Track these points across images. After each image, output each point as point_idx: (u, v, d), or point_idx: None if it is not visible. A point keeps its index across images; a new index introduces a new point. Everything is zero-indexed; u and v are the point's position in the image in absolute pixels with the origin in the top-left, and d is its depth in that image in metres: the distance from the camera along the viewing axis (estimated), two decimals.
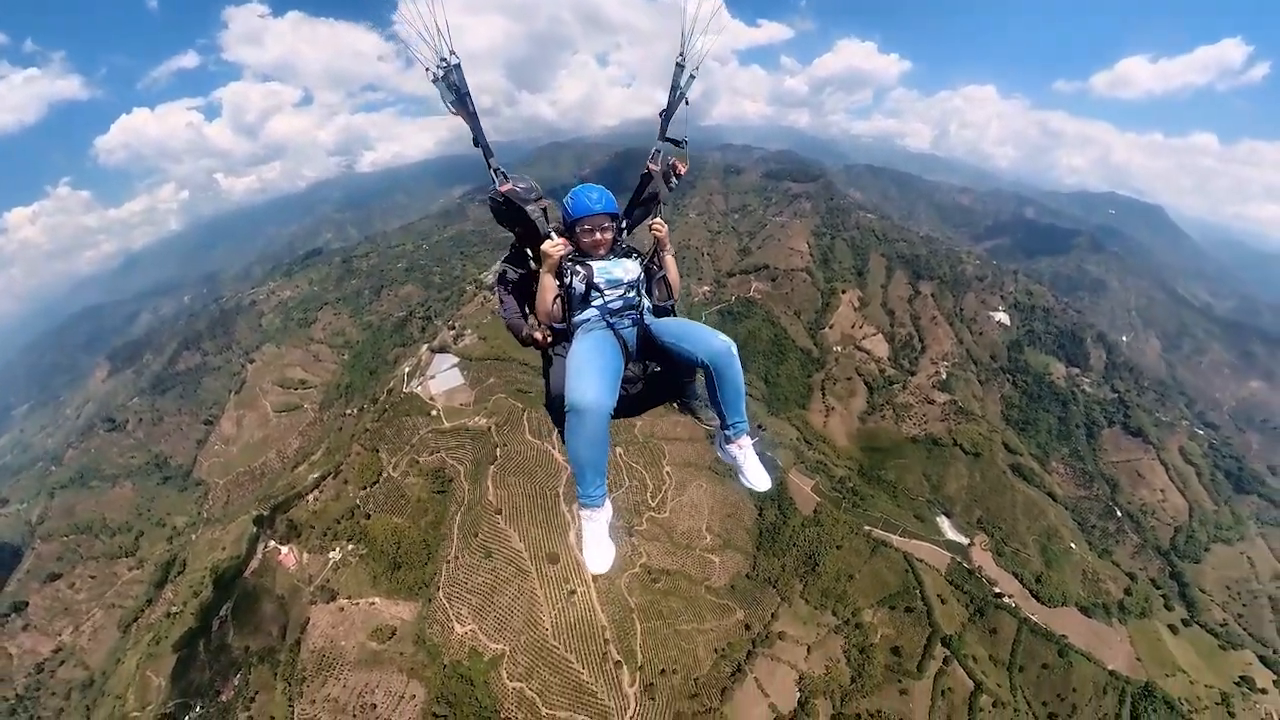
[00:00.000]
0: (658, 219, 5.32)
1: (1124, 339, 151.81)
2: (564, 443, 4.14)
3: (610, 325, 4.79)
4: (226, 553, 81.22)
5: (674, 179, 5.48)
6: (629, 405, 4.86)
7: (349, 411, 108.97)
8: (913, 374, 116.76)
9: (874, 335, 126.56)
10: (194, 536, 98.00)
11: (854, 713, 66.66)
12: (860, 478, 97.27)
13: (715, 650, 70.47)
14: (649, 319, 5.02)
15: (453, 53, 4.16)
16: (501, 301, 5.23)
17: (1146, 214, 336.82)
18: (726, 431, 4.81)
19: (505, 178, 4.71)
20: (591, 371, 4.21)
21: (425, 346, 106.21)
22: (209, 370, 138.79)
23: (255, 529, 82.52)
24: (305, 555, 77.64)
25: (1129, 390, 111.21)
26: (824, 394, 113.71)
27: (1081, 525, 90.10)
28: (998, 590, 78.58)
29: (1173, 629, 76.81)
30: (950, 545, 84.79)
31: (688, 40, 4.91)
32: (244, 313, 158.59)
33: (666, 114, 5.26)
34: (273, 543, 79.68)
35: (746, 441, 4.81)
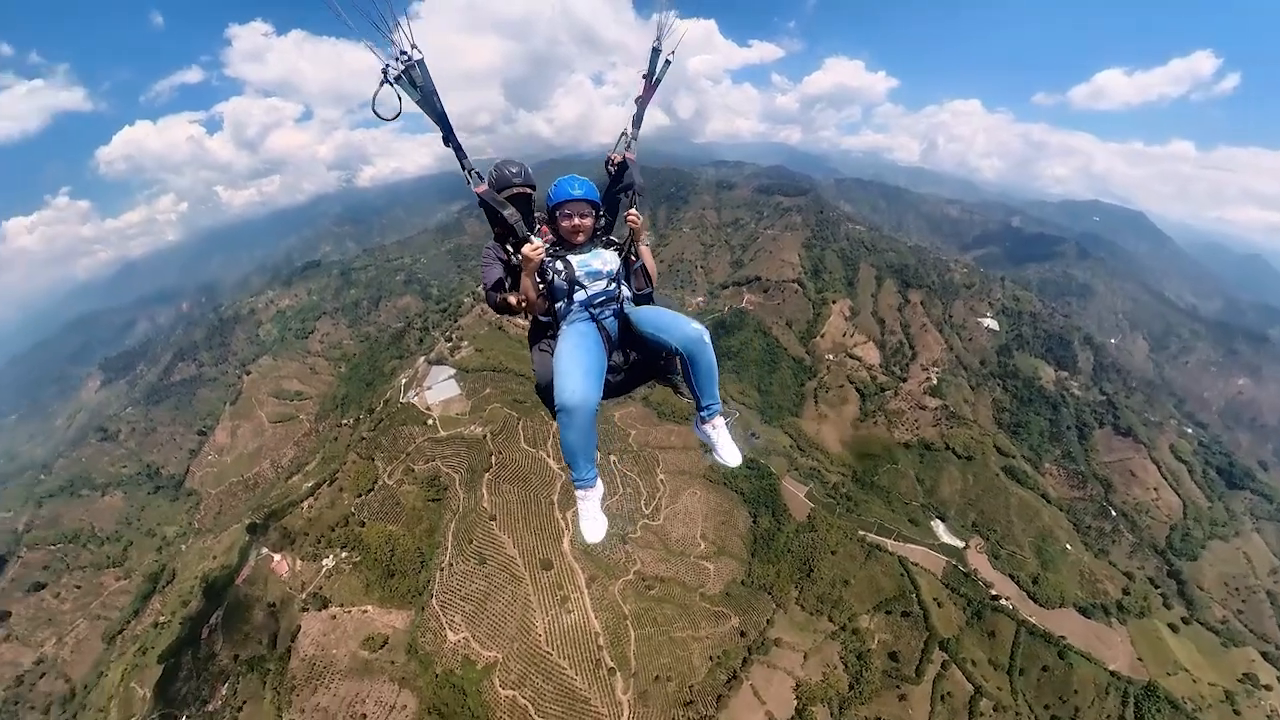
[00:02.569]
0: (632, 210, 5.24)
1: (1112, 341, 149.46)
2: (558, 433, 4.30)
3: (593, 317, 4.87)
4: (218, 562, 79.12)
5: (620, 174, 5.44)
6: (614, 389, 5.00)
7: (345, 422, 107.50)
8: (904, 380, 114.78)
9: (865, 343, 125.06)
10: (184, 547, 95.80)
11: None
12: (854, 484, 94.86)
13: (710, 658, 67.81)
14: (629, 308, 5.04)
15: (415, 47, 3.86)
16: (484, 269, 5.10)
17: (1130, 220, 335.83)
18: (701, 413, 4.92)
19: (480, 179, 4.69)
20: (577, 371, 4.33)
21: (422, 358, 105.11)
22: (204, 381, 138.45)
23: (248, 537, 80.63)
24: (298, 563, 75.72)
25: (1118, 391, 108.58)
26: (816, 402, 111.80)
27: (1077, 526, 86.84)
28: (995, 593, 75.49)
29: (1173, 627, 73.31)
30: (945, 549, 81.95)
31: (664, 25, 4.81)
32: (242, 322, 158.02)
33: (643, 100, 5.20)
34: (265, 550, 77.77)
35: (720, 422, 4.93)
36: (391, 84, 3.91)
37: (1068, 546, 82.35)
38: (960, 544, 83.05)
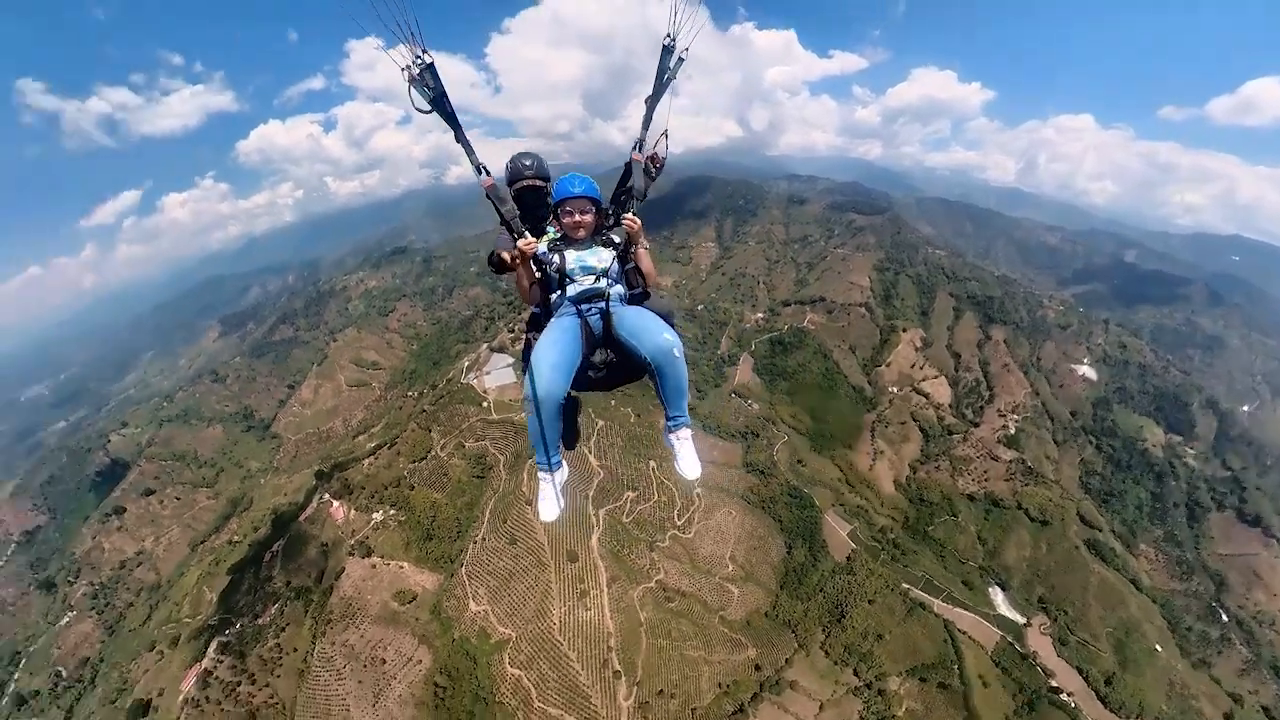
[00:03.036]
0: (629, 213, 5.17)
1: (1245, 409, 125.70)
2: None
3: (579, 313, 4.95)
4: (287, 499, 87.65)
5: (655, 170, 5.33)
6: (597, 384, 5.18)
7: (410, 394, 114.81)
8: (976, 425, 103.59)
9: (935, 379, 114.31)
10: (262, 481, 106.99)
11: None
12: (904, 530, 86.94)
13: (719, 684, 64.92)
14: (615, 307, 5.02)
15: (425, 51, 4.20)
16: (500, 235, 5.29)
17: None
18: (668, 423, 5.01)
19: (487, 173, 4.85)
20: (547, 365, 4.50)
21: (485, 345, 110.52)
22: (299, 343, 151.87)
23: (315, 482, 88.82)
24: (352, 512, 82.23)
25: (1247, 469, 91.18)
26: (873, 436, 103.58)
27: (1173, 625, 73.53)
28: (1056, 684, 65.92)
29: None
30: (1002, 622, 72.83)
31: (676, 18, 4.69)
32: (335, 296, 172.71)
33: (652, 100, 5.07)
34: (327, 496, 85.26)
35: (686, 434, 5.00)
36: (410, 84, 4.26)
37: (1158, 648, 70.00)
38: (1021, 619, 73.40)
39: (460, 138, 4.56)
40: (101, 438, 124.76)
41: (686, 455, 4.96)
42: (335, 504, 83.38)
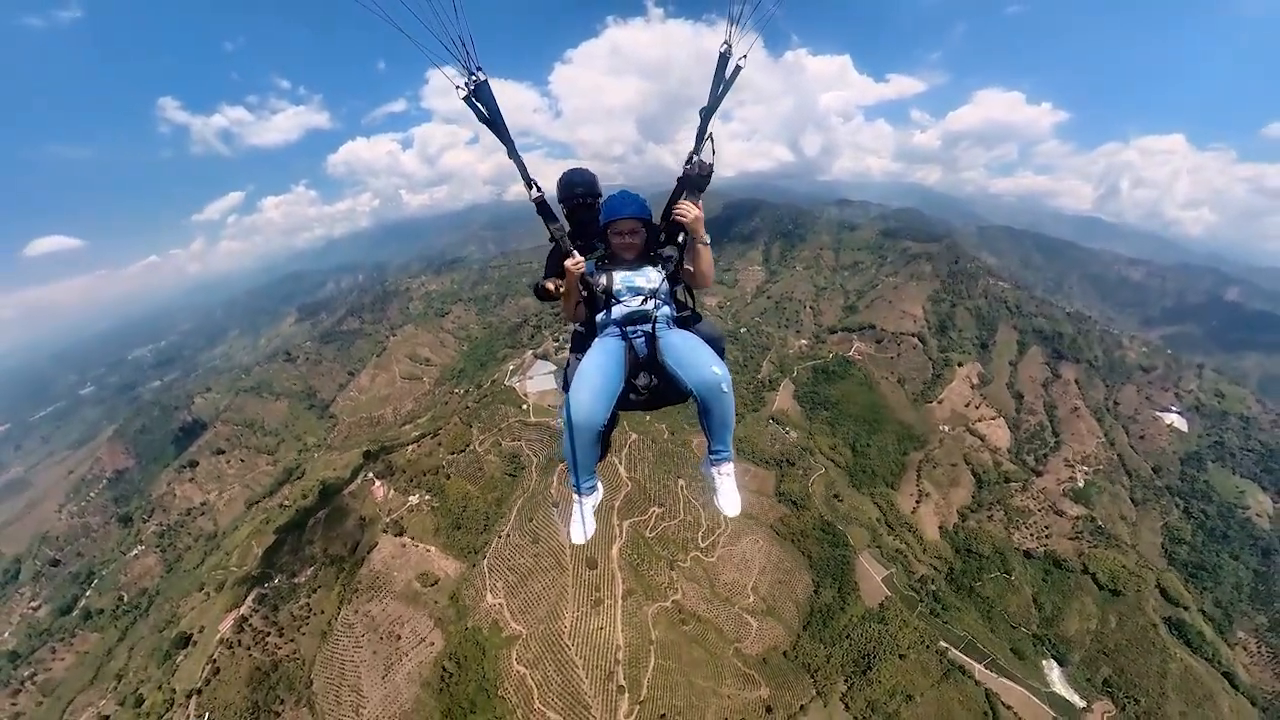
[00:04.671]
0: (684, 202, 4.72)
1: None
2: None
3: (624, 335, 4.80)
4: (335, 473, 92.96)
5: (702, 176, 4.83)
6: (638, 405, 5.00)
7: (457, 391, 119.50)
8: (1039, 474, 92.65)
9: (993, 419, 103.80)
10: (316, 455, 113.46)
11: None
12: (947, 583, 78.39)
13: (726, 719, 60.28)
14: (662, 331, 4.82)
15: (480, 69, 4.16)
16: (550, 255, 5.24)
17: None
18: (710, 456, 4.83)
19: (538, 189, 4.72)
20: (589, 390, 4.36)
21: (530, 351, 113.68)
22: (362, 335, 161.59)
23: (362, 460, 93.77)
24: (391, 492, 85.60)
25: None
26: (919, 476, 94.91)
27: None
28: None
29: None
30: (1057, 702, 63.18)
31: (739, 23, 4.46)
32: (398, 296, 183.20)
33: (708, 110, 4.71)
34: (371, 475, 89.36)
35: (728, 468, 4.86)
36: (465, 102, 4.21)
37: None
38: (1080, 703, 63.28)
39: (512, 154, 4.50)
40: (188, 398, 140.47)
41: (727, 491, 4.83)
42: (377, 483, 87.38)
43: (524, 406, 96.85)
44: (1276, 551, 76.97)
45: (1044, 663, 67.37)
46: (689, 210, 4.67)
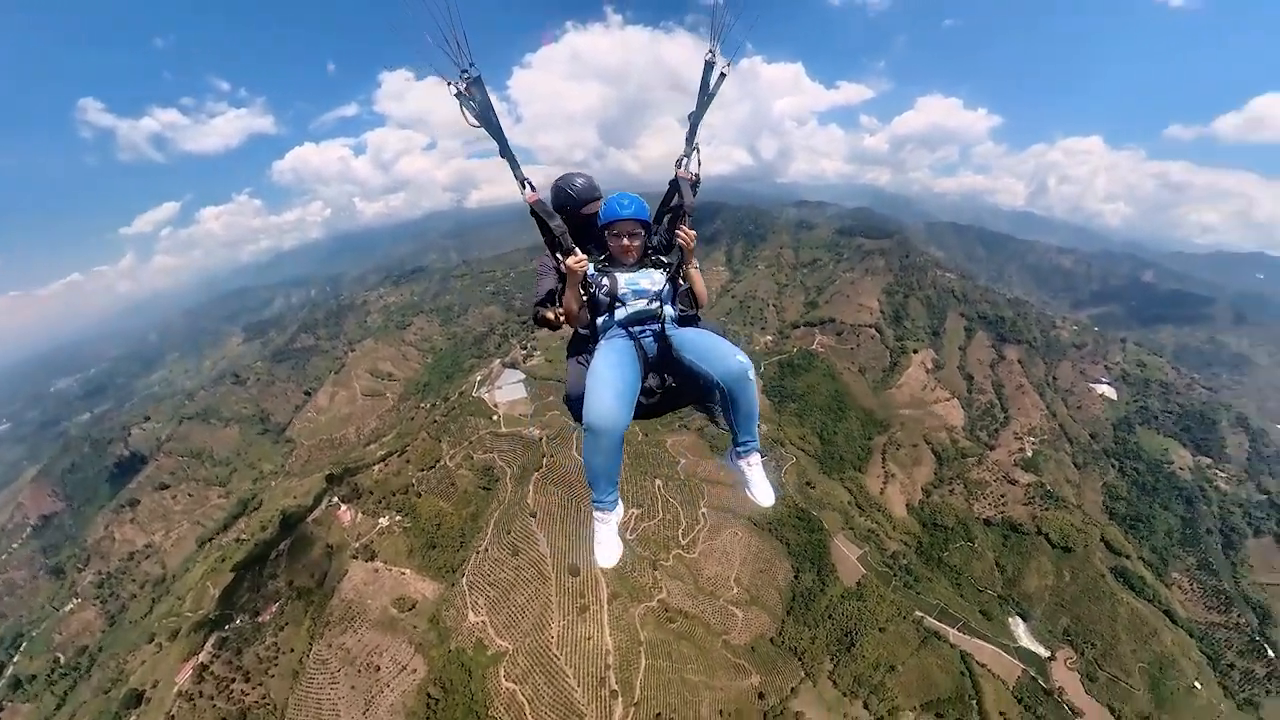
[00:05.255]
0: (683, 227, 4.88)
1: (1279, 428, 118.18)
2: (584, 420, 4.09)
3: (631, 335, 4.65)
4: (296, 501, 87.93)
5: (693, 190, 5.10)
6: (648, 410, 4.76)
7: (423, 405, 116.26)
8: (992, 447, 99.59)
9: (948, 400, 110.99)
10: (274, 483, 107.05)
11: None
12: (917, 556, 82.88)
13: (720, 712, 61.60)
14: (671, 329, 4.72)
15: (472, 64, 4.09)
16: (539, 278, 5.20)
17: None
18: (737, 449, 4.70)
19: (532, 189, 4.63)
20: (608, 391, 4.10)
21: (498, 360, 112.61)
22: (318, 351, 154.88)
23: (325, 485, 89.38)
24: (359, 515, 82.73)
25: None
26: (884, 459, 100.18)
27: (1213, 660, 67.31)
28: None
29: None
30: (1024, 654, 67.92)
31: (719, 32, 4.65)
32: (355, 310, 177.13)
33: (696, 115, 4.94)
34: (336, 499, 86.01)
35: (756, 459, 4.72)
36: (457, 99, 4.15)
37: (1197, 685, 63.99)
38: (1044, 652, 68.30)
39: (505, 151, 4.39)
40: (124, 430, 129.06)
41: (759, 481, 4.64)
42: (343, 507, 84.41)
43: (494, 417, 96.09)
44: (1198, 499, 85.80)
45: (1010, 620, 72.29)
46: (690, 236, 4.82)
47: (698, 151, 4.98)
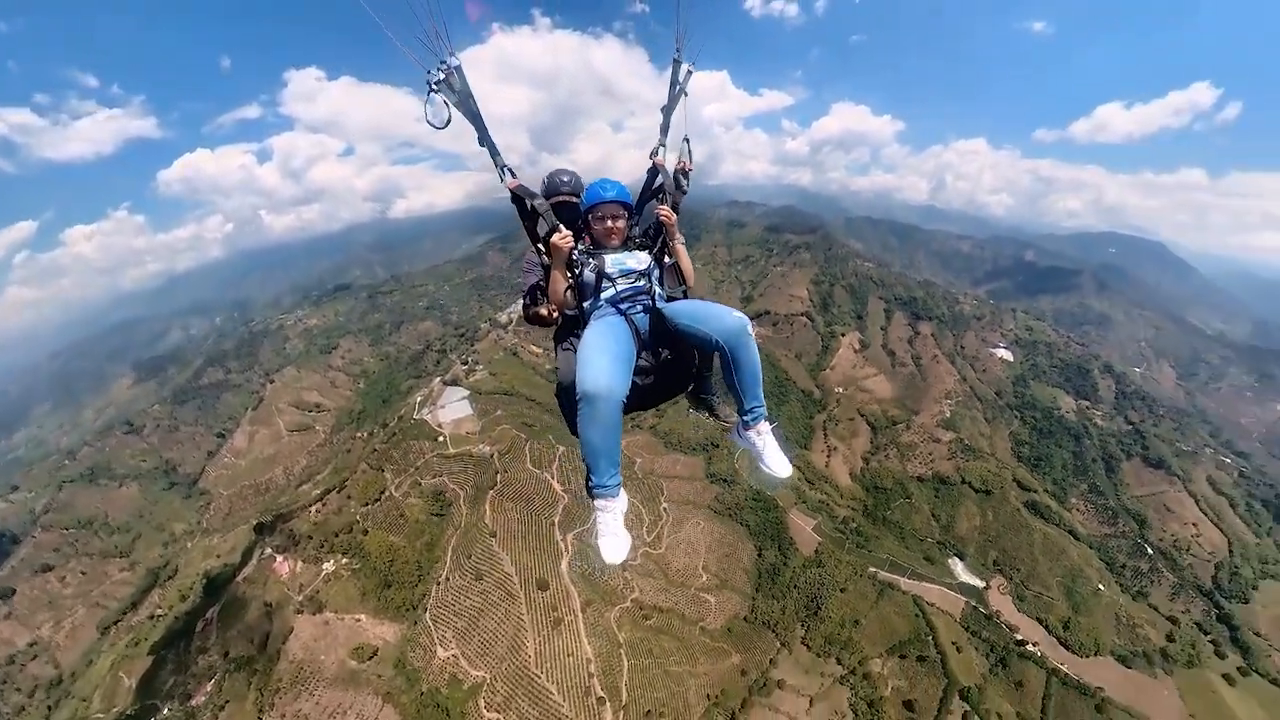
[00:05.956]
0: (664, 206, 5.00)
1: (1136, 370, 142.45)
2: (577, 433, 3.90)
3: (622, 312, 4.60)
4: (221, 560, 79.52)
5: (684, 179, 5.29)
6: (641, 397, 4.55)
7: (359, 434, 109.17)
8: (916, 413, 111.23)
9: (875, 376, 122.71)
10: (189, 544, 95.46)
11: None
12: (864, 518, 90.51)
13: (708, 696, 63.64)
14: (661, 303, 4.76)
15: (452, 54, 4.09)
16: (524, 275, 5.28)
17: (1149, 251, 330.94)
18: (745, 417, 4.48)
19: (513, 175, 4.61)
20: (603, 358, 3.98)
21: (438, 379, 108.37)
22: (230, 387, 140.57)
23: (254, 536, 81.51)
24: (299, 564, 75.99)
25: (1145, 420, 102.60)
26: (826, 434, 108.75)
27: (1110, 565, 79.85)
28: (1021, 638, 69.37)
29: (1228, 679, 65.11)
30: (965, 589, 76.46)
31: (682, 34, 4.89)
32: (270, 336, 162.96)
33: (667, 109, 5.17)
34: (269, 551, 78.64)
35: (765, 427, 4.48)
36: (434, 90, 4.08)
37: (1100, 588, 75.61)
38: (980, 584, 77.35)
39: (486, 140, 4.39)
40: None
41: (773, 452, 4.40)
42: (279, 559, 77.22)
43: (440, 439, 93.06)
44: (1083, 435, 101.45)
45: (949, 561, 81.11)
46: (671, 213, 4.96)
47: (688, 143, 5.18)
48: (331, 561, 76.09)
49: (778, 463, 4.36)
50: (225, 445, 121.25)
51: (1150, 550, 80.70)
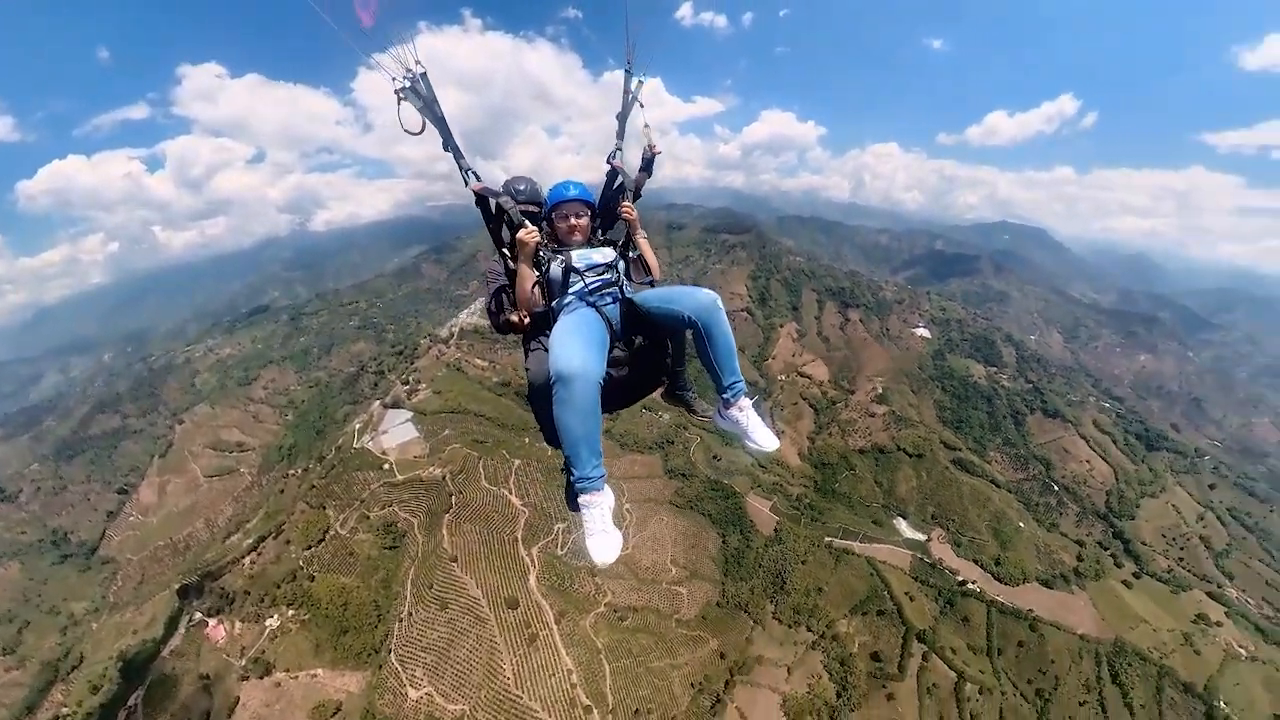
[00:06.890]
0: (625, 203, 5.24)
1: (1031, 338, 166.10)
2: (554, 433, 3.85)
3: (592, 304, 4.64)
4: (138, 636, 70.75)
5: (651, 159, 5.60)
6: (618, 394, 4.56)
7: (293, 472, 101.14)
8: (852, 392, 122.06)
9: (813, 361, 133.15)
10: (94, 625, 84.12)
11: None
12: (816, 493, 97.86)
13: (692, 684, 66.11)
14: (630, 293, 4.88)
15: (418, 62, 4.21)
16: (489, 285, 5.33)
17: (1033, 236, 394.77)
18: (725, 395, 4.51)
19: (477, 178, 4.75)
20: (576, 340, 3.95)
21: (378, 402, 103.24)
22: (128, 434, 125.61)
23: (178, 603, 73.31)
24: (238, 625, 69.54)
25: (1041, 379, 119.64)
26: (773, 420, 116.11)
27: (1026, 504, 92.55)
28: (962, 579, 78.31)
29: (1126, 584, 78.25)
30: (910, 544, 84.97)
31: (632, 48, 5.19)
32: (175, 372, 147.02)
33: (622, 116, 5.43)
34: (199, 615, 71.19)
35: (746, 403, 4.53)
36: (401, 99, 4.21)
37: (1020, 525, 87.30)
38: (923, 537, 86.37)
39: (450, 144, 4.48)
40: None
41: (757, 426, 4.48)
42: (211, 622, 70.33)
43: (385, 466, 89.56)
44: (994, 397, 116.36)
45: (894, 521, 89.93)
46: (633, 209, 5.16)
47: (648, 128, 5.46)
48: (276, 616, 70.54)
49: (764, 437, 4.47)
50: (129, 502, 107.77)
51: (1056, 487, 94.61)
